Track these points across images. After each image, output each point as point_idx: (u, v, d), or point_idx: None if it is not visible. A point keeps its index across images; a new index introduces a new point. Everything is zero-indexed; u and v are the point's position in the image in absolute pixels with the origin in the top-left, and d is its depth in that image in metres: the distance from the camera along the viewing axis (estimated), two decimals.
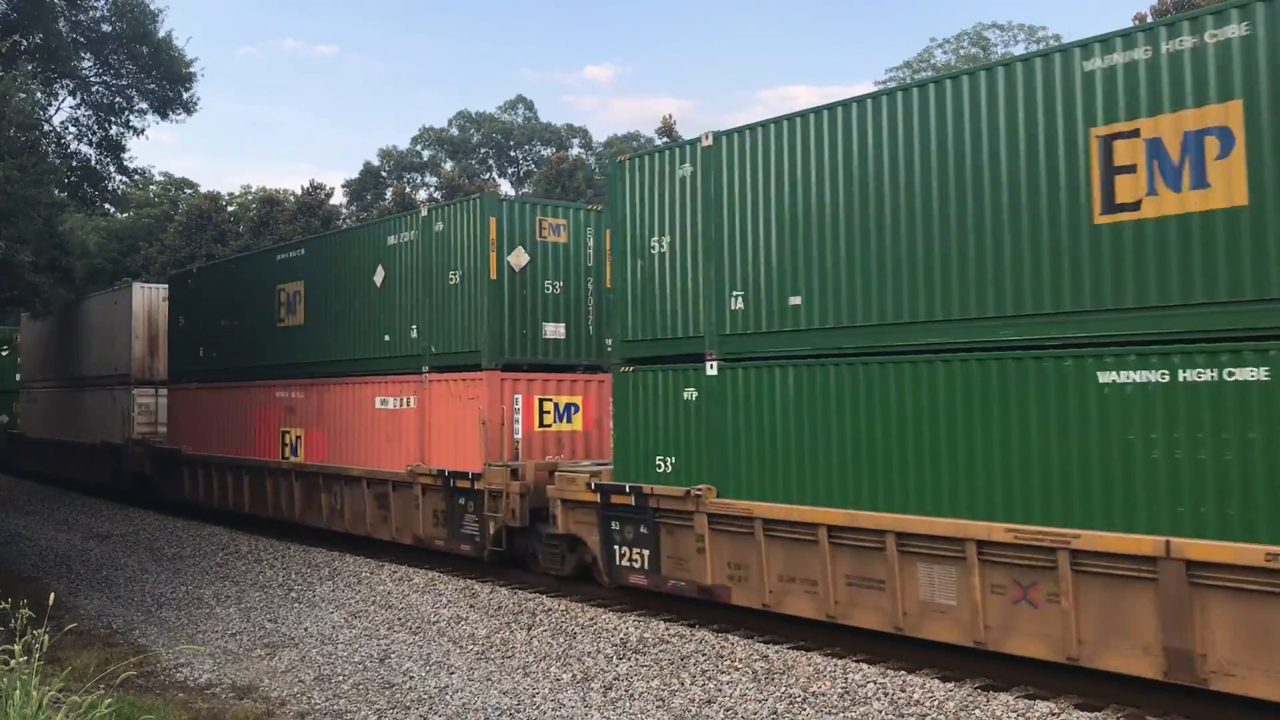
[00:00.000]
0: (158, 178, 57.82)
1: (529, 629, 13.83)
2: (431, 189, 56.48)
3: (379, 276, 19.61)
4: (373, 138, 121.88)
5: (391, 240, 19.40)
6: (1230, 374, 8.71)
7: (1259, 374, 8.55)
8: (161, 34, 23.07)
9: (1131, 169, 9.38)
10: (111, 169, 24.98)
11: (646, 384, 13.92)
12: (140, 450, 28.72)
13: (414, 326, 18.65)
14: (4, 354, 42.16)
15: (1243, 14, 8.74)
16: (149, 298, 29.83)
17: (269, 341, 23.09)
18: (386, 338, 19.35)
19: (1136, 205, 9.35)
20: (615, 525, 14.28)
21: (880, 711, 10.02)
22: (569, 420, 17.58)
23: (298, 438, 21.77)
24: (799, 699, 10.52)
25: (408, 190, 45.62)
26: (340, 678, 12.45)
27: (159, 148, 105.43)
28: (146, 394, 29.60)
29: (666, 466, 13.58)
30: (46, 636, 6.84)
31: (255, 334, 23.71)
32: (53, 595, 7.83)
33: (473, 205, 17.60)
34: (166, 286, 29.15)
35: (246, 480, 23.74)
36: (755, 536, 12.46)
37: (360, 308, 20.15)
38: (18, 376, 39.75)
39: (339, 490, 20.48)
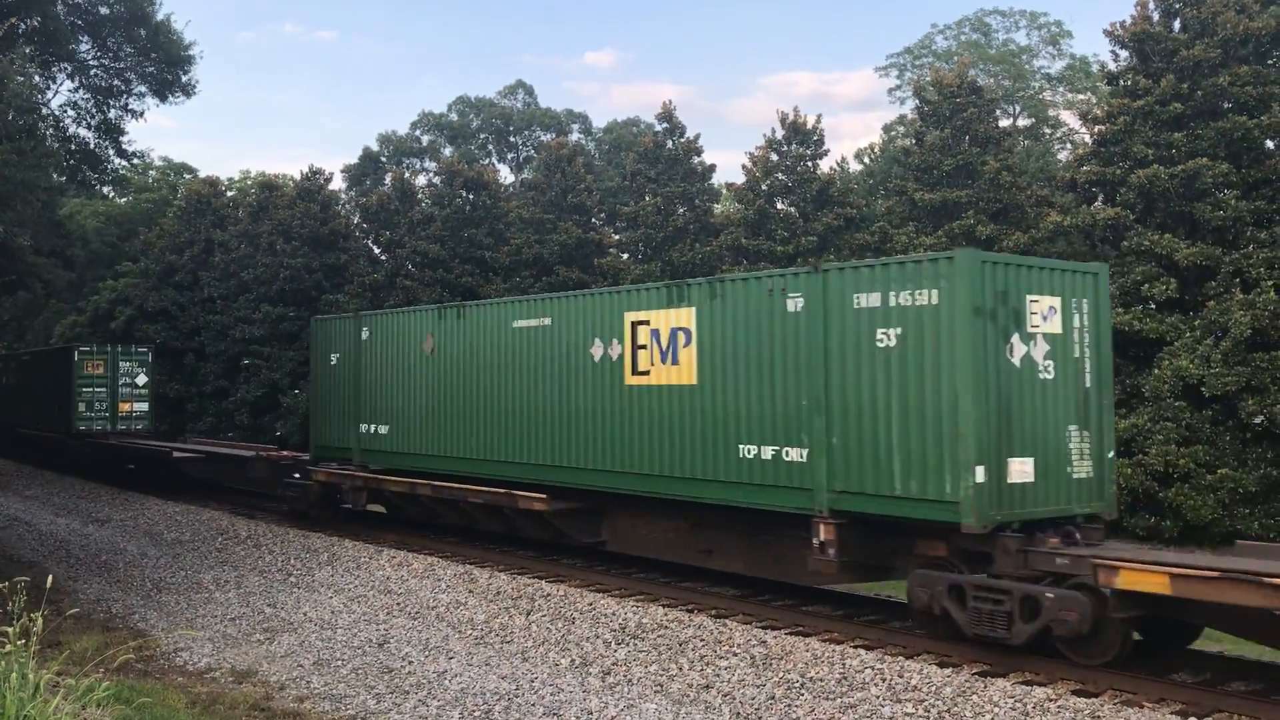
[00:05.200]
0: (156, 163, 57.74)
1: (528, 614, 13.84)
2: (431, 174, 56.35)
3: None
4: (372, 123, 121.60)
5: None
6: None
7: None
8: (159, 16, 22.99)
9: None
10: (110, 152, 24.92)
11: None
12: None
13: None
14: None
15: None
16: None
17: None
18: None
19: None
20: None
21: (878, 696, 10.04)
22: None
23: None
24: (797, 684, 10.54)
25: (407, 175, 45.43)
26: (339, 662, 12.48)
27: (158, 132, 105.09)
28: None
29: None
30: (43, 619, 6.84)
31: None
32: (50, 578, 7.82)
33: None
34: None
35: None
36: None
37: None
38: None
39: None
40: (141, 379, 33.22)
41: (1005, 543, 10.78)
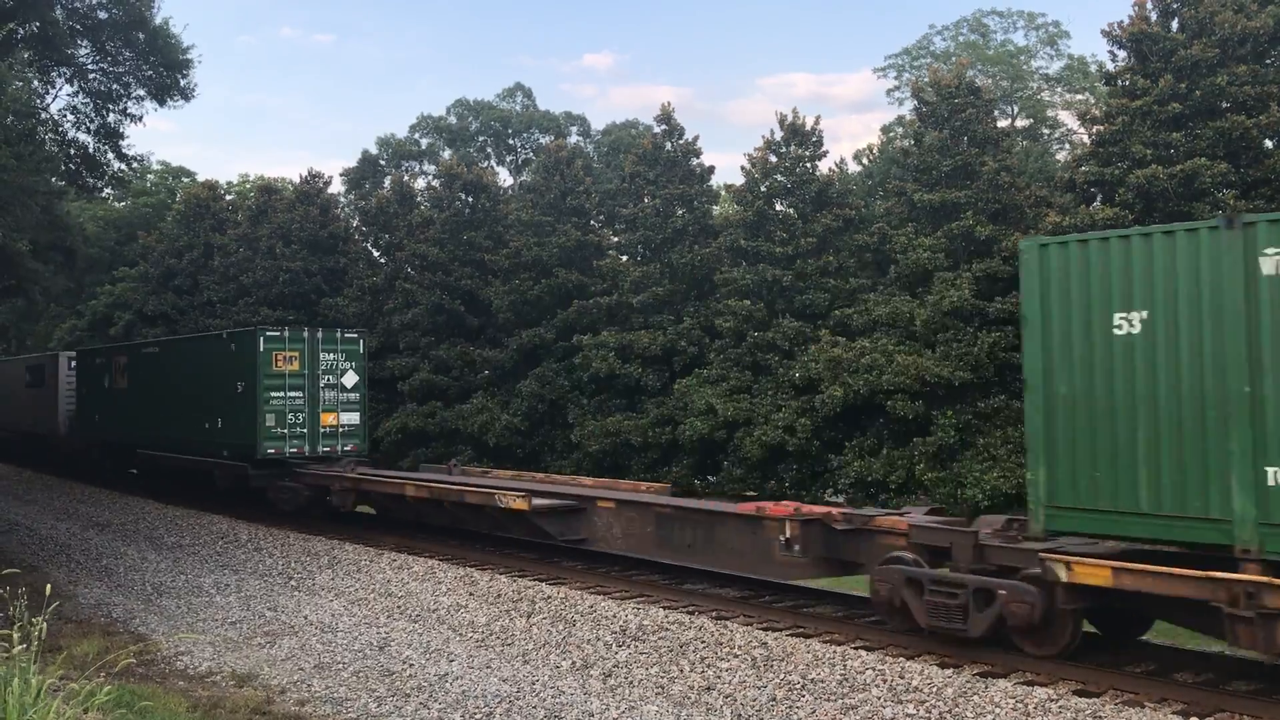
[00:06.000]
0: (155, 166, 57.75)
1: (528, 616, 13.84)
2: (430, 177, 56.35)
3: None
4: (371, 126, 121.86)
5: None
6: None
7: None
8: (158, 20, 23.04)
9: None
10: (110, 156, 24.97)
11: None
12: None
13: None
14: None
15: None
16: None
17: None
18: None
19: None
20: None
21: (879, 698, 10.04)
22: None
23: None
24: (797, 685, 10.54)
25: (406, 178, 45.44)
26: (340, 665, 12.48)
27: (156, 136, 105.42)
28: None
29: None
30: (45, 624, 6.84)
31: None
32: (49, 586, 7.83)
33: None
34: None
35: None
36: None
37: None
38: None
39: None
40: (350, 378, 22.98)
41: None
